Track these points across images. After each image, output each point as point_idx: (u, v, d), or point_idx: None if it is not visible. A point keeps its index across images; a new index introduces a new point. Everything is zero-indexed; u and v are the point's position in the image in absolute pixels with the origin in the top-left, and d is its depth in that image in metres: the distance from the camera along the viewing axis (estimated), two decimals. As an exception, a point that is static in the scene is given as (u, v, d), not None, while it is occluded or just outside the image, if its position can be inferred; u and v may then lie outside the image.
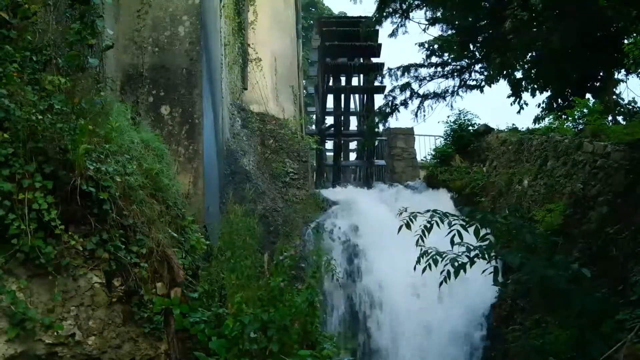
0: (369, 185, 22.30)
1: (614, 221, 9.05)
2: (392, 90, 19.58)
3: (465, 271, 7.36)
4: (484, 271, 7.59)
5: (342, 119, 26.36)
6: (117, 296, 6.05)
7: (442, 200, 16.65)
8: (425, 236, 7.59)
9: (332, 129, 26.17)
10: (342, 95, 25.67)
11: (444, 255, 7.42)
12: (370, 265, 14.30)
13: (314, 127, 27.30)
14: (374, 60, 24.47)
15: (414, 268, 7.58)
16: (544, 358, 8.21)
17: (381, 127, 22.42)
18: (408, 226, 7.70)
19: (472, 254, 7.43)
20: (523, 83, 18.17)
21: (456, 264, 7.39)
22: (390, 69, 19.80)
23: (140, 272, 6.21)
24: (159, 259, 6.46)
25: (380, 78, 21.43)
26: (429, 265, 7.50)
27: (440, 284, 7.49)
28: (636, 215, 8.52)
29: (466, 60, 19.01)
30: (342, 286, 13.65)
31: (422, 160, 23.69)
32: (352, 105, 28.99)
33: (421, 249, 7.50)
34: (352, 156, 29.54)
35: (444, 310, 12.77)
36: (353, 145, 30.32)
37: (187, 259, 6.99)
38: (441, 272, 7.50)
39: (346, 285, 13.85)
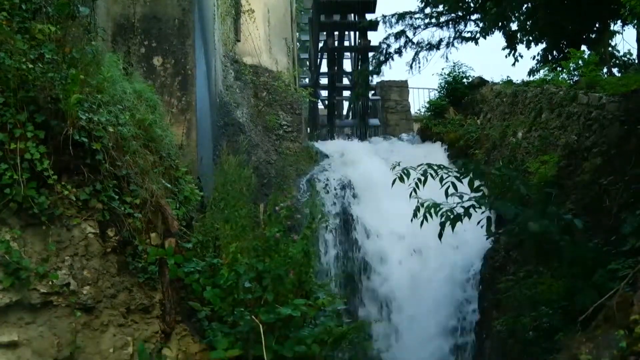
0: (362, 138, 22.21)
1: (608, 172, 9.06)
2: (387, 38, 19.32)
3: (462, 221, 7.38)
4: (478, 222, 7.62)
5: (336, 77, 26.13)
6: (111, 246, 6.06)
7: (436, 152, 16.62)
8: (418, 188, 7.59)
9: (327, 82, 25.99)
10: (336, 54, 25.39)
11: (440, 206, 7.42)
12: (363, 216, 14.31)
13: (307, 80, 27.04)
14: (369, 16, 24.13)
15: (411, 220, 7.59)
16: (536, 307, 8.30)
17: (375, 79, 22.20)
18: (402, 179, 7.69)
19: (467, 204, 7.44)
20: (518, 35, 17.98)
21: (452, 215, 7.40)
22: (384, 16, 19.53)
23: (134, 222, 6.21)
24: (152, 210, 6.46)
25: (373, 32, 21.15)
26: (426, 217, 7.51)
27: (440, 236, 7.50)
28: (630, 166, 8.53)
29: (461, 11, 18.79)
30: (336, 237, 13.71)
31: (416, 113, 23.57)
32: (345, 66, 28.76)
33: (417, 201, 7.51)
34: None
35: (436, 262, 12.86)
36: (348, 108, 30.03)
37: (180, 209, 6.99)
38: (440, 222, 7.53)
39: (339, 235, 13.90)
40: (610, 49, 16.36)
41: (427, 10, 19.19)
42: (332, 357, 7.10)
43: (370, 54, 21.74)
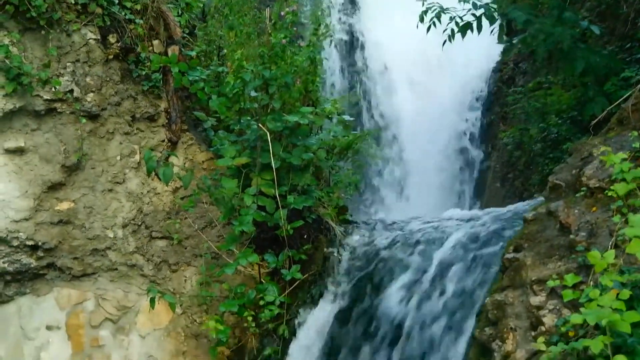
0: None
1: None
2: None
3: (472, 30, 7.14)
4: (492, 31, 7.39)
5: None
6: (113, 53, 5.91)
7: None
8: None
9: None
10: None
11: (448, 12, 7.15)
12: (370, 28, 13.90)
13: None
14: None
15: (417, 26, 7.35)
16: (544, 119, 8.24)
17: None
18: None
19: (478, 12, 7.17)
20: None
21: (461, 22, 7.17)
22: None
23: (136, 28, 6.02)
24: (154, 16, 6.23)
25: None
26: (433, 23, 7.26)
27: (444, 43, 7.29)
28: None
29: None
30: (340, 52, 13.44)
31: None
32: None
33: (422, 3, 7.24)
34: None
35: (444, 76, 12.68)
36: None
37: (182, 17, 6.74)
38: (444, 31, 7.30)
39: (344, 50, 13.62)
40: None
41: None
42: (339, 167, 7.13)
43: None
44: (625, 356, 2.92)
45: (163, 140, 6.16)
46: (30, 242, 5.73)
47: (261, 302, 5.52)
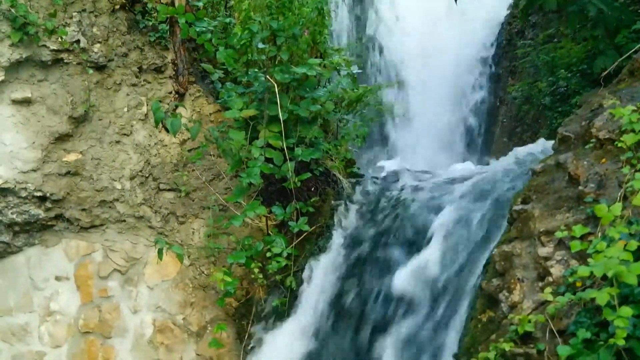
0: None
1: None
2: None
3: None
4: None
5: None
6: (119, 3, 5.84)
7: None
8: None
9: None
10: None
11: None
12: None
13: None
14: None
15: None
16: (553, 72, 8.18)
17: None
18: None
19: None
20: None
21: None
22: None
23: (142, -22, 5.95)
24: (160, -34, 6.16)
25: None
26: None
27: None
28: None
29: None
30: (349, 3, 13.28)
31: None
32: None
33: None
34: None
35: (454, 28, 12.52)
36: None
37: (189, -33, 6.66)
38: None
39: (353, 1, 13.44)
40: None
41: None
42: (346, 120, 7.11)
43: None
44: (632, 307, 2.94)
45: (170, 92, 6.13)
46: (38, 193, 5.76)
47: (268, 254, 5.55)
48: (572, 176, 3.92)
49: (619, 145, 3.72)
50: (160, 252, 5.54)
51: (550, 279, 3.57)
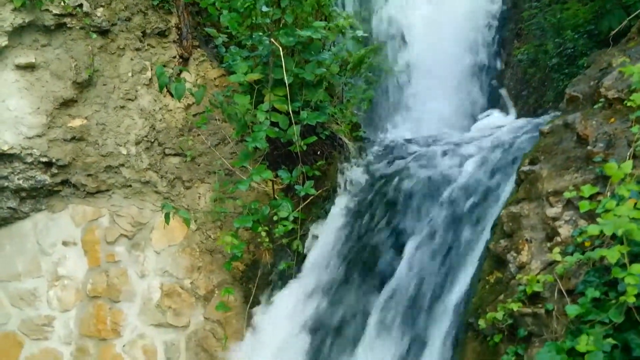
0: None
1: None
2: None
3: None
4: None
5: None
6: (122, -34, 5.79)
7: None
8: None
9: None
10: None
11: None
12: None
13: None
14: None
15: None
16: (560, 34, 8.08)
17: None
18: None
19: None
20: None
21: None
22: None
23: (144, -60, 5.88)
24: None
25: None
26: None
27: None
28: None
29: None
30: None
31: None
32: None
33: None
34: None
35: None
36: None
37: None
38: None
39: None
40: None
41: None
42: (352, 84, 7.07)
43: None
44: (642, 265, 2.94)
45: (174, 57, 6.09)
46: (44, 159, 5.76)
47: (275, 218, 5.55)
48: (580, 136, 3.90)
49: (628, 104, 3.69)
50: (167, 217, 5.55)
51: (559, 239, 3.57)
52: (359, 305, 4.90)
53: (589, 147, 3.77)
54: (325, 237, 5.51)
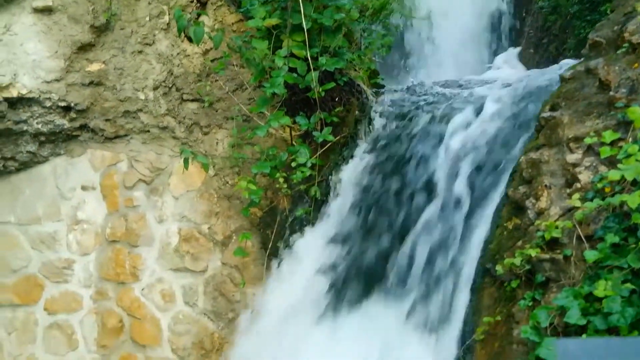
0: None
1: None
2: None
3: None
4: None
5: None
6: None
7: None
8: None
9: None
10: None
11: None
12: None
13: None
14: None
15: None
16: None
17: None
18: None
19: None
20: None
21: None
22: None
23: None
24: None
25: None
26: None
27: None
28: None
29: None
30: None
31: None
32: None
33: None
34: None
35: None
36: None
37: None
38: None
39: None
40: None
41: None
42: (371, 31, 6.98)
43: None
44: (663, 210, 2.93)
45: (192, 1, 6.03)
46: (62, 103, 5.77)
47: (293, 164, 5.55)
48: (602, 82, 3.84)
49: (653, 49, 3.64)
50: (186, 162, 5.56)
51: (579, 185, 3.55)
52: (379, 250, 4.91)
53: (611, 93, 3.73)
54: (346, 183, 5.51)
